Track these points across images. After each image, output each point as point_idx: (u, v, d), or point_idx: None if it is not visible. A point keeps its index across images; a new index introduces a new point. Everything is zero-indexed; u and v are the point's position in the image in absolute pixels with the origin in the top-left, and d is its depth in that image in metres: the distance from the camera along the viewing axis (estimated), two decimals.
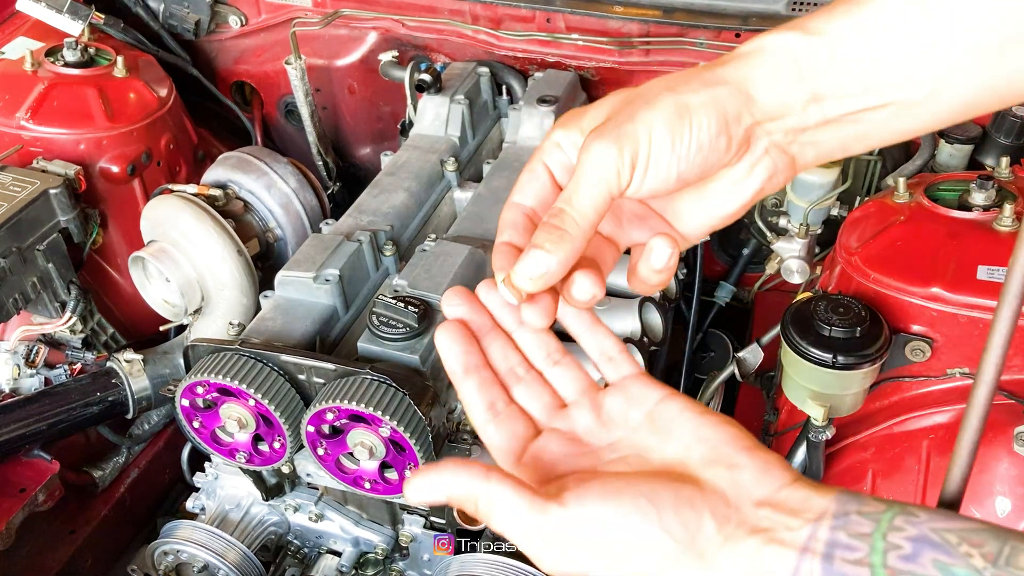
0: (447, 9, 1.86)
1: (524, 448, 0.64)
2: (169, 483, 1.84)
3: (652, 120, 0.58)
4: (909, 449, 1.24)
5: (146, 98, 1.79)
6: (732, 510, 0.55)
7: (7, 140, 1.69)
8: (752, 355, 1.39)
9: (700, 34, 1.73)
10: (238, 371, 1.16)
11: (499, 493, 0.56)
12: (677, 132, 0.58)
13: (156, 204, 1.62)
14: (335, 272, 1.33)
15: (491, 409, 0.64)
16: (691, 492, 0.55)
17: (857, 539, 0.51)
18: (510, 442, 0.64)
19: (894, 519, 0.52)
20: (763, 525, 0.53)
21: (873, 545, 0.50)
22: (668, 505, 0.54)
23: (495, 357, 0.66)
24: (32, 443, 1.53)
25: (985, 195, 1.27)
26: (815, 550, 0.51)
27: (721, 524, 0.54)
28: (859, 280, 1.27)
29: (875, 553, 0.50)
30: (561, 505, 0.55)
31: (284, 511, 1.44)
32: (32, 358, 1.65)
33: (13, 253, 1.52)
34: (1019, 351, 1.18)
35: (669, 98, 0.59)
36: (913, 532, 0.51)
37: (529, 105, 1.67)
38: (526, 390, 0.66)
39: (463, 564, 1.26)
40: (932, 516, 0.52)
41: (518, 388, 0.66)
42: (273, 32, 2.04)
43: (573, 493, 0.55)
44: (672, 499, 0.54)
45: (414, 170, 1.59)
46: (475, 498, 0.57)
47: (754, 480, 0.56)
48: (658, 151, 0.58)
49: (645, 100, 0.59)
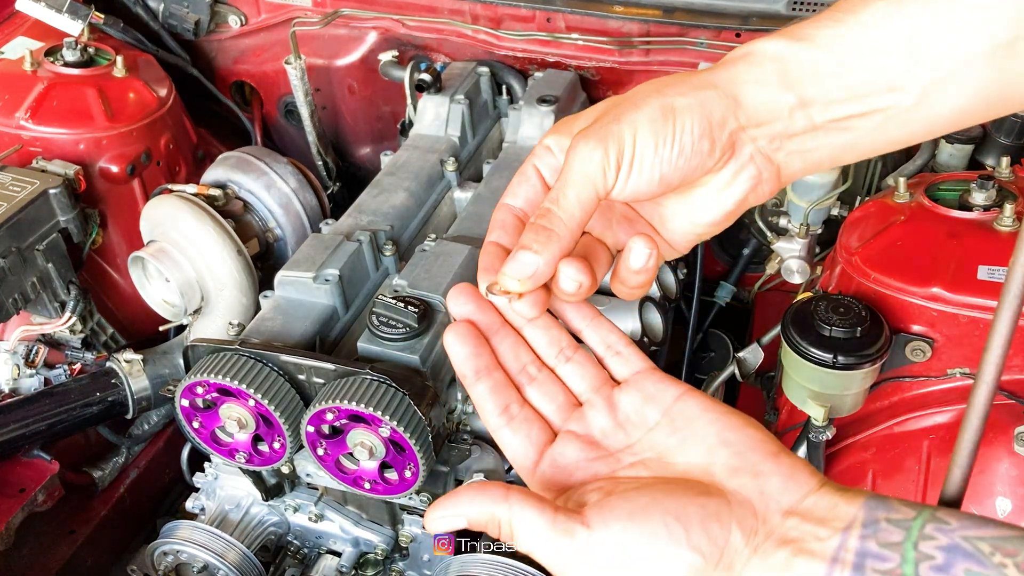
0: (447, 9, 1.86)
1: (541, 454, 0.63)
2: (169, 483, 1.83)
3: (637, 120, 0.58)
4: (909, 449, 1.24)
5: (146, 98, 1.79)
6: (760, 522, 0.54)
7: (7, 140, 1.69)
8: (752, 355, 1.39)
9: (700, 34, 1.73)
10: (238, 371, 1.16)
11: (521, 515, 0.55)
12: (661, 133, 0.58)
13: (156, 204, 1.62)
14: (335, 272, 1.33)
15: (505, 413, 0.64)
16: (718, 506, 0.54)
17: (888, 548, 0.50)
18: (526, 448, 0.63)
19: (924, 527, 0.51)
20: (792, 535, 0.53)
21: (904, 555, 0.50)
22: (695, 522, 0.53)
23: (506, 356, 0.65)
24: (32, 443, 1.52)
25: (985, 195, 1.27)
26: (845, 560, 0.51)
27: (749, 537, 0.54)
28: (859, 280, 1.27)
29: (907, 564, 0.49)
30: (587, 528, 0.54)
31: (284, 511, 1.43)
32: (32, 358, 1.65)
33: (13, 253, 1.52)
34: (1019, 351, 1.18)
35: (655, 100, 0.59)
36: (945, 541, 0.50)
37: (529, 105, 1.67)
38: (539, 390, 0.65)
39: (463, 564, 1.26)
40: (963, 523, 0.51)
41: (531, 388, 0.65)
42: (273, 32, 2.04)
43: (598, 514, 0.55)
44: (699, 515, 0.54)
45: (414, 170, 1.59)
46: (497, 521, 0.56)
47: (781, 488, 0.55)
48: (642, 151, 0.58)
49: (632, 102, 0.59)
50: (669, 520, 0.53)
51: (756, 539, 0.54)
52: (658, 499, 0.55)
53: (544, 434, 0.64)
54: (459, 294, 0.65)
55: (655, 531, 0.53)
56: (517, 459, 0.64)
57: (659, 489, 0.56)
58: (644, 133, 0.58)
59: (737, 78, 0.61)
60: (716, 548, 0.53)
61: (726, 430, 0.60)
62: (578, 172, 0.58)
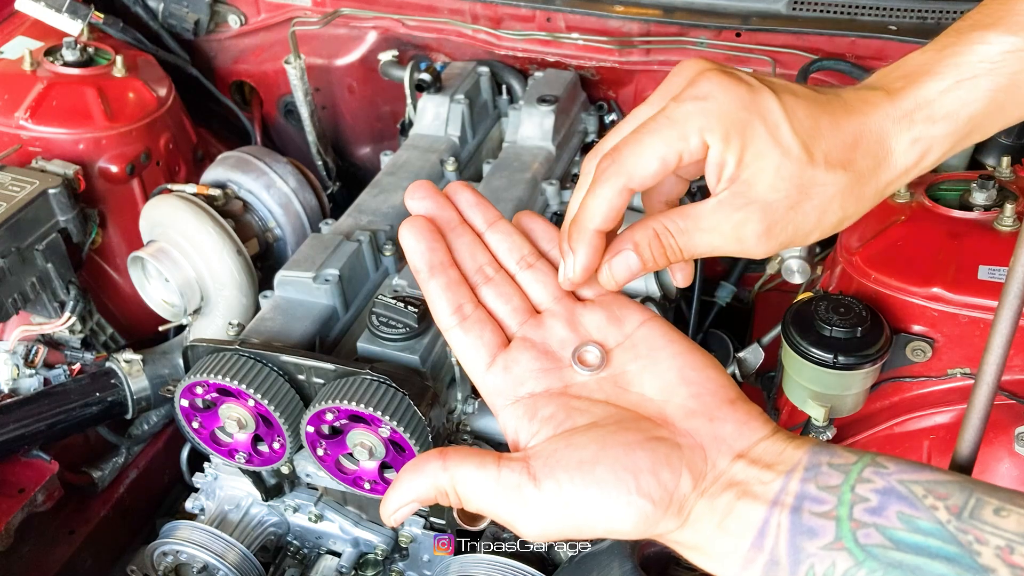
0: (447, 8, 1.86)
1: (493, 357, 0.62)
2: (168, 484, 1.83)
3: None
4: (910, 449, 1.24)
5: (145, 98, 1.79)
6: (709, 465, 0.54)
7: (6, 140, 1.69)
8: (752, 355, 1.39)
9: (701, 33, 1.73)
10: (237, 371, 1.16)
11: (463, 478, 0.55)
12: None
13: (155, 204, 1.62)
14: (335, 272, 1.33)
15: (458, 312, 0.62)
16: (668, 450, 0.54)
17: (826, 491, 0.51)
18: (478, 349, 0.62)
19: (863, 470, 0.52)
20: (737, 479, 0.53)
21: (840, 498, 0.50)
22: (645, 468, 0.53)
23: (462, 255, 0.64)
24: (31, 443, 1.52)
25: (986, 195, 1.27)
26: (784, 503, 0.51)
27: (698, 481, 0.54)
28: (860, 280, 1.27)
29: (842, 506, 0.50)
30: (534, 483, 0.54)
31: (284, 512, 1.43)
32: (31, 358, 1.65)
33: (12, 253, 1.52)
34: (1020, 351, 1.18)
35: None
36: (881, 484, 0.51)
37: (529, 105, 1.66)
38: (495, 291, 0.64)
39: (463, 564, 1.26)
40: (901, 467, 0.52)
41: (486, 288, 0.64)
42: (272, 31, 2.04)
43: (544, 466, 0.54)
44: (649, 461, 0.54)
45: (414, 170, 1.59)
46: (444, 491, 0.56)
47: (734, 433, 0.56)
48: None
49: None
50: (618, 469, 0.53)
51: (704, 483, 0.54)
52: (607, 447, 0.54)
53: (497, 337, 0.63)
54: (417, 189, 0.64)
55: (603, 480, 0.53)
56: (468, 361, 0.63)
57: (608, 432, 0.56)
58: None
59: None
60: (666, 493, 0.53)
61: (688, 368, 0.59)
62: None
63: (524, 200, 1.49)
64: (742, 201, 0.57)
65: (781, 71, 1.66)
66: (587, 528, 0.54)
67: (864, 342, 1.18)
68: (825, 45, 1.66)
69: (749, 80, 0.58)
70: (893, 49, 1.60)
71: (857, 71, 1.59)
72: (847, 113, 0.59)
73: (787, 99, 0.58)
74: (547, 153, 1.63)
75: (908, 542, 0.48)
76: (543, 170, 1.59)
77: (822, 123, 0.58)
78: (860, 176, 0.58)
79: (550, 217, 1.56)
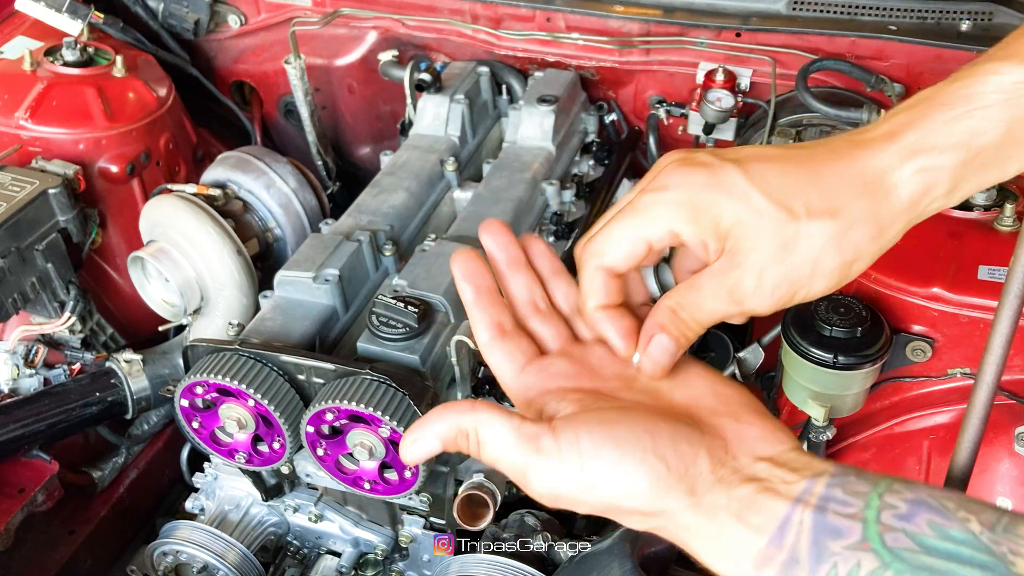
0: (447, 8, 1.86)
1: (528, 362, 0.62)
2: (168, 484, 1.83)
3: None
4: (910, 449, 1.24)
5: (145, 98, 1.79)
6: (730, 456, 0.54)
7: (6, 140, 1.69)
8: (752, 355, 1.39)
9: (701, 33, 1.73)
10: (237, 371, 1.16)
11: (486, 422, 0.55)
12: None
13: (155, 204, 1.62)
14: (335, 272, 1.33)
15: (498, 327, 0.62)
16: (690, 431, 0.55)
17: (853, 496, 0.50)
18: (514, 357, 0.62)
19: (893, 484, 0.51)
20: (760, 476, 0.53)
21: (868, 502, 0.50)
22: (665, 436, 0.53)
23: (518, 287, 0.65)
24: (31, 443, 1.52)
25: (986, 195, 1.27)
26: (808, 502, 0.50)
27: (716, 466, 0.53)
28: (860, 280, 1.27)
29: (869, 509, 0.49)
30: (553, 436, 0.54)
31: (284, 512, 1.43)
32: (31, 358, 1.65)
33: (12, 253, 1.52)
34: (1020, 351, 1.18)
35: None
36: (910, 496, 0.50)
37: (529, 105, 1.66)
38: (541, 319, 0.64)
39: (463, 564, 1.26)
40: (931, 487, 0.51)
41: (534, 319, 0.64)
42: (272, 31, 2.04)
43: (565, 424, 0.54)
44: (670, 431, 0.54)
45: (414, 170, 1.59)
46: (465, 432, 0.56)
47: (758, 438, 0.55)
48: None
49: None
50: (637, 430, 0.53)
51: (722, 471, 0.53)
52: (631, 414, 0.55)
53: (534, 349, 0.63)
54: (492, 225, 0.65)
55: (621, 437, 0.53)
56: (501, 369, 0.63)
57: (635, 409, 0.57)
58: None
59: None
60: (681, 463, 0.53)
61: (719, 384, 0.61)
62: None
63: (524, 200, 1.49)
64: (731, 266, 0.59)
65: (781, 71, 1.66)
66: (598, 488, 0.53)
67: (864, 342, 1.18)
68: (825, 45, 1.66)
69: (708, 161, 0.59)
70: (893, 49, 1.59)
71: (857, 71, 1.59)
72: (832, 160, 0.59)
73: (753, 167, 0.59)
74: (547, 153, 1.63)
75: (939, 548, 0.47)
76: (543, 170, 1.59)
77: (798, 178, 0.58)
78: (853, 220, 0.58)
79: (550, 217, 1.56)
